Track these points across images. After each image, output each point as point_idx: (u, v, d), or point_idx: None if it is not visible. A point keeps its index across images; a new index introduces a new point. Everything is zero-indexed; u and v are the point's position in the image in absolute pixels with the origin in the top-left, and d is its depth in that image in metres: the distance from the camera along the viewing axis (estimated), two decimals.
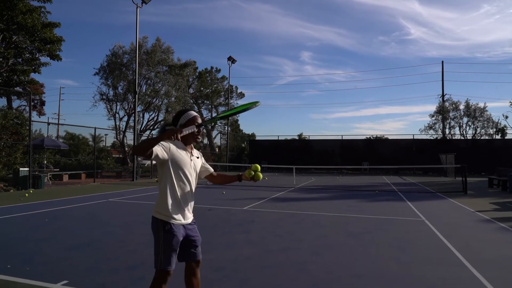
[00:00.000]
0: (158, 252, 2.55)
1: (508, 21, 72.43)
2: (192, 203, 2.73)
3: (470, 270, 4.23)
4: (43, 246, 5.21)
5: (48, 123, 28.21)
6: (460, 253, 4.99)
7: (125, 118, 26.24)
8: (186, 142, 2.70)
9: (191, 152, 2.72)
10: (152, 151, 2.40)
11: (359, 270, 4.27)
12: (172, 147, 2.58)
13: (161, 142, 2.50)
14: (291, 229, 6.68)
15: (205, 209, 9.03)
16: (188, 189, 2.66)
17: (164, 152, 2.52)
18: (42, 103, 32.68)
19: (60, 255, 4.75)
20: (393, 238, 6.02)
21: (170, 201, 2.57)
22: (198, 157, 2.79)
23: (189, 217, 2.70)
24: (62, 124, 34.67)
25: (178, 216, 2.60)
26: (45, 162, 19.80)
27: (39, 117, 33.20)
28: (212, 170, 2.96)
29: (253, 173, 2.78)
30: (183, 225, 2.64)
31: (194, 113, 2.73)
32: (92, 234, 6.04)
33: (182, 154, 2.62)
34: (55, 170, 19.21)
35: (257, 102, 2.61)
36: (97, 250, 5.02)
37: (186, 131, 2.46)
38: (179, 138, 2.32)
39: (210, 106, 39.52)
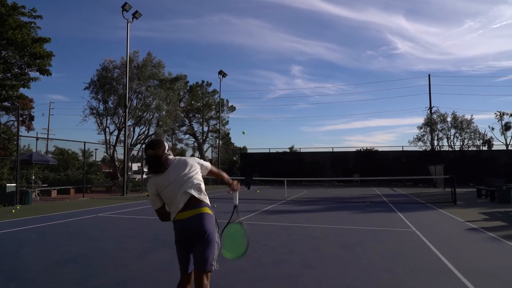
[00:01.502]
0: (213, 254, 2.68)
1: (490, 36, 74.76)
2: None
3: (462, 280, 4.25)
4: (29, 263, 5.08)
5: (37, 138, 27.87)
6: (451, 263, 5.01)
7: (116, 132, 26.04)
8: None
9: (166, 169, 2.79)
10: (164, 212, 2.83)
11: (351, 282, 4.25)
12: (151, 186, 2.80)
13: (150, 192, 2.83)
14: (283, 242, 6.64)
15: None
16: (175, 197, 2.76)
17: (154, 193, 2.80)
18: (31, 118, 32.24)
19: (47, 272, 4.64)
20: (385, 249, 6.03)
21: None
22: (172, 169, 2.78)
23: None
24: (52, 139, 34.19)
25: None
26: (33, 177, 19.43)
27: (28, 132, 32.74)
28: (207, 167, 3.02)
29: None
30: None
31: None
32: (80, 250, 5.92)
33: (159, 180, 2.76)
34: (43, 185, 18.85)
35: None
36: (85, 266, 4.91)
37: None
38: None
39: (201, 120, 39.50)
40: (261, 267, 4.89)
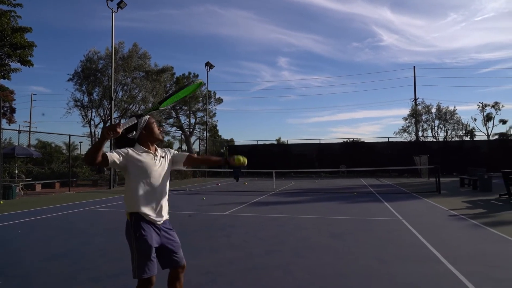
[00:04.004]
0: (133, 261, 2.53)
1: (473, 29, 75.93)
2: (164, 203, 2.66)
3: (447, 266, 4.39)
4: (17, 258, 5.01)
5: (19, 131, 27.10)
6: (437, 250, 5.16)
7: (101, 125, 25.65)
8: (148, 144, 2.64)
9: (155, 152, 2.65)
10: (106, 158, 2.37)
11: (342, 270, 4.34)
12: (131, 152, 2.54)
13: (118, 150, 2.50)
14: (273, 232, 6.71)
15: (185, 215, 8.93)
16: (157, 189, 2.60)
17: (121, 157, 2.48)
18: (12, 110, 31.37)
19: (36, 267, 4.58)
20: (373, 237, 6.16)
21: (137, 194, 2.51)
22: (163, 156, 2.71)
23: (162, 216, 2.64)
24: (34, 132, 33.35)
25: (148, 210, 2.54)
26: (17, 171, 19.00)
27: (9, 125, 31.88)
28: (187, 154, 2.86)
29: (241, 159, 2.79)
30: (157, 230, 2.59)
31: (148, 116, 2.69)
32: (69, 244, 5.85)
33: (144, 157, 2.57)
34: (27, 179, 18.46)
35: (200, 83, 2.85)
36: (76, 260, 4.87)
37: (126, 125, 2.44)
38: (119, 131, 2.29)
39: (188, 112, 39.22)
40: (252, 257, 4.93)
